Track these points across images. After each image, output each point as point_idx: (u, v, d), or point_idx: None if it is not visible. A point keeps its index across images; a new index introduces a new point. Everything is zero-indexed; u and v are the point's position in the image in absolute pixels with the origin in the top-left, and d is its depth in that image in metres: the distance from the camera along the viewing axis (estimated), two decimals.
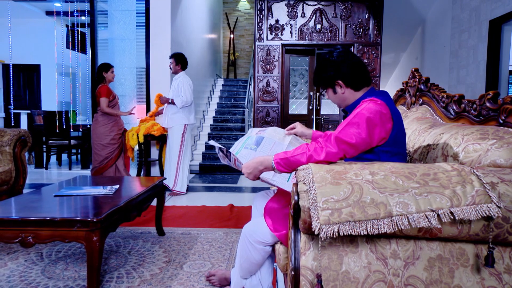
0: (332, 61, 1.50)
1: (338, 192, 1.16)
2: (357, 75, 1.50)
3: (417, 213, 1.12)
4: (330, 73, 1.50)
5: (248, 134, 1.82)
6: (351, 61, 1.49)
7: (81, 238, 1.72)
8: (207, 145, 6.67)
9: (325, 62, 1.52)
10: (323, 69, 1.53)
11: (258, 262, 1.72)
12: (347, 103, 1.54)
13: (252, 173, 1.45)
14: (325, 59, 1.53)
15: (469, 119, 1.68)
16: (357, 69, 1.50)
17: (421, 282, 1.22)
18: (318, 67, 1.56)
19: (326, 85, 1.55)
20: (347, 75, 1.49)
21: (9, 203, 2.01)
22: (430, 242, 1.25)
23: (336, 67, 1.49)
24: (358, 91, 1.51)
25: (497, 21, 5.03)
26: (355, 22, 6.02)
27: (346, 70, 1.48)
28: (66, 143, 6.22)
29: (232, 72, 10.43)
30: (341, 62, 1.49)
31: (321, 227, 1.13)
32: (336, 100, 1.57)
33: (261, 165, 1.42)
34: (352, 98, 1.52)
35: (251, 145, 1.71)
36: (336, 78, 1.50)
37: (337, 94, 1.54)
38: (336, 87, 1.53)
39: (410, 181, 1.17)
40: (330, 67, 1.50)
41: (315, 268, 1.25)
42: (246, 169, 1.46)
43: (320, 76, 1.55)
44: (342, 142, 1.30)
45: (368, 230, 1.12)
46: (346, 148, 1.31)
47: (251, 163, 1.45)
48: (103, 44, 4.98)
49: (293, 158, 1.34)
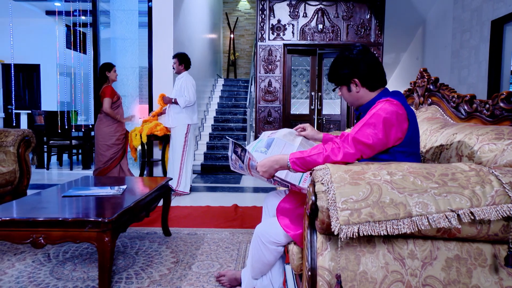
0: (351, 59, 1.48)
1: (357, 192, 1.15)
2: (374, 75, 1.49)
3: (437, 213, 1.12)
4: (347, 70, 1.48)
5: (260, 137, 1.82)
6: (370, 60, 1.48)
7: (92, 239, 1.71)
8: (209, 145, 6.67)
9: (343, 59, 1.50)
10: (340, 66, 1.51)
11: (270, 263, 1.72)
12: (360, 102, 1.54)
13: (267, 172, 1.44)
14: (343, 56, 1.50)
15: (481, 119, 1.68)
16: (374, 69, 1.49)
17: (439, 282, 1.22)
18: (335, 63, 1.54)
19: (341, 82, 1.54)
20: (364, 74, 1.48)
21: (18, 204, 2.00)
22: (447, 242, 1.25)
23: (354, 65, 1.47)
24: (373, 91, 1.51)
25: (499, 21, 5.04)
26: (356, 22, 6.02)
27: (364, 69, 1.47)
28: (67, 143, 6.20)
29: (232, 72, 10.42)
30: (360, 60, 1.47)
31: (340, 227, 1.13)
32: (349, 99, 1.56)
33: (277, 163, 1.42)
34: (366, 98, 1.52)
35: (261, 148, 1.71)
36: (353, 76, 1.49)
37: (352, 92, 1.52)
38: (352, 85, 1.51)
39: (429, 181, 1.17)
40: (348, 64, 1.48)
41: (333, 268, 1.25)
42: (261, 167, 1.45)
43: (336, 72, 1.53)
44: (359, 142, 1.30)
45: (388, 230, 1.12)
46: (363, 148, 1.31)
47: (267, 162, 1.44)
48: (105, 43, 4.97)
49: (309, 158, 1.33)
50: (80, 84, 8.44)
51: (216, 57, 9.61)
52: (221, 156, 6.37)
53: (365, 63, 1.47)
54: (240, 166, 1.67)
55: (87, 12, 6.37)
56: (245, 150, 1.57)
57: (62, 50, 9.04)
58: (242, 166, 1.65)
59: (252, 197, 4.40)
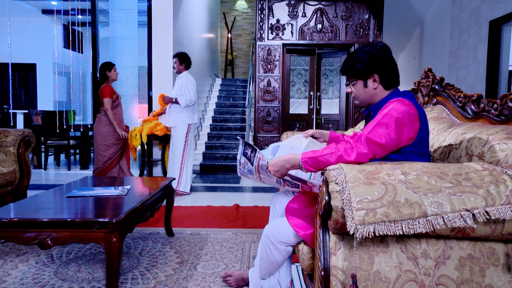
0: (374, 54, 1.46)
1: (372, 192, 1.16)
2: (393, 73, 1.49)
3: (452, 213, 1.13)
4: (369, 65, 1.46)
5: (267, 148, 1.81)
6: (391, 58, 1.48)
7: (100, 240, 1.70)
8: (207, 144, 6.65)
9: (365, 53, 1.47)
10: (361, 59, 1.48)
11: (278, 263, 1.71)
12: (373, 100, 1.53)
13: (278, 171, 1.44)
14: (365, 51, 1.48)
15: (489, 119, 1.69)
16: (394, 67, 1.49)
17: (452, 282, 1.23)
18: (355, 56, 1.50)
19: (359, 76, 1.50)
20: (385, 71, 1.47)
21: (23, 205, 1.99)
22: (460, 241, 1.25)
23: (377, 60, 1.46)
24: (387, 90, 1.50)
25: (498, 22, 5.08)
26: (355, 22, 6.04)
27: (385, 66, 1.46)
28: (65, 143, 6.16)
29: (230, 72, 10.41)
30: (383, 57, 1.46)
31: (356, 227, 1.13)
32: (362, 95, 1.53)
33: (288, 163, 1.42)
34: (379, 96, 1.51)
35: (267, 155, 1.69)
36: (374, 71, 1.47)
37: (368, 88, 1.50)
38: (369, 80, 1.49)
39: (443, 181, 1.18)
40: (370, 59, 1.46)
41: (346, 268, 1.25)
42: (273, 166, 1.45)
43: (354, 66, 1.50)
44: (373, 142, 1.30)
45: (404, 230, 1.13)
46: (376, 148, 1.31)
47: (278, 161, 1.44)
48: (103, 43, 4.94)
49: (322, 157, 1.33)
50: (77, 83, 8.39)
51: (214, 57, 9.59)
52: (220, 156, 6.36)
53: (387, 60, 1.47)
54: (249, 169, 1.65)
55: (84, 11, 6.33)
56: (255, 150, 1.56)
57: (59, 49, 8.99)
58: (251, 170, 1.64)
59: (252, 197, 4.39)
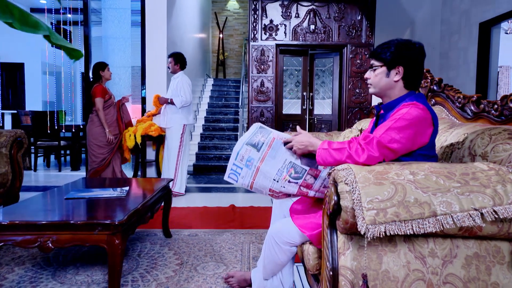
0: (409, 47, 1.43)
1: (382, 192, 1.16)
2: (417, 75, 1.47)
3: (461, 212, 1.14)
4: (399, 53, 1.43)
5: (254, 130, 1.72)
6: (421, 62, 1.45)
7: (102, 242, 1.67)
8: (200, 145, 6.63)
9: (401, 44, 1.44)
10: (393, 46, 1.44)
11: (282, 263, 1.71)
12: (388, 93, 1.50)
13: (301, 149, 1.49)
14: (403, 42, 1.44)
15: (489, 119, 1.72)
16: (420, 71, 1.47)
17: (459, 280, 1.24)
18: (388, 43, 1.47)
19: (386, 62, 1.46)
20: (411, 69, 1.44)
21: (20, 208, 1.95)
22: (466, 240, 1.27)
23: (409, 54, 1.43)
24: (405, 89, 1.48)
25: (487, 24, 5.17)
26: (348, 23, 6.08)
27: (413, 64, 1.44)
28: (56, 144, 6.07)
29: (221, 72, 10.39)
30: (415, 55, 1.43)
31: (367, 227, 1.13)
32: (380, 83, 1.49)
33: (312, 146, 1.46)
34: (395, 92, 1.48)
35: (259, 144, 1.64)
36: (401, 63, 1.43)
37: (389, 78, 1.46)
38: (393, 70, 1.45)
39: (451, 181, 1.19)
40: (403, 49, 1.43)
41: (355, 268, 1.26)
42: (298, 143, 1.50)
43: (386, 50, 1.45)
44: (384, 147, 1.30)
45: (414, 229, 1.14)
46: (387, 153, 1.31)
47: (305, 140, 1.49)
48: (96, 42, 4.88)
49: (334, 151, 1.34)
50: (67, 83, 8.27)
51: (206, 57, 9.56)
52: (213, 156, 6.34)
53: (417, 61, 1.44)
54: (248, 161, 1.60)
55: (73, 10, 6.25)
56: (270, 132, 1.59)
57: (48, 48, 8.85)
58: (251, 162, 1.59)
59: (247, 197, 4.39)
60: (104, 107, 4.22)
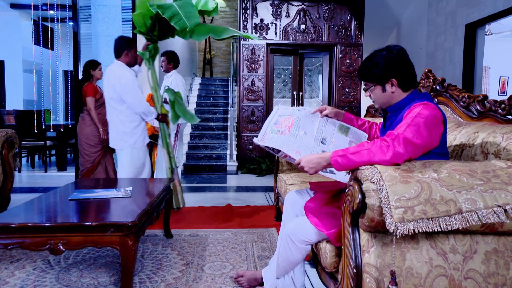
0: (390, 58, 1.48)
1: (409, 190, 1.18)
2: (410, 76, 1.52)
3: (485, 209, 1.17)
4: (386, 70, 1.48)
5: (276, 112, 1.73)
6: (408, 61, 1.50)
7: (115, 243, 1.64)
8: (190, 144, 6.58)
9: (382, 58, 1.49)
10: (378, 64, 1.50)
11: (297, 261, 1.72)
12: (391, 102, 1.56)
13: (314, 168, 1.43)
14: (381, 55, 1.50)
15: (495, 118, 1.77)
16: (411, 70, 1.51)
17: (480, 275, 1.28)
18: (370, 62, 1.52)
19: (377, 81, 1.52)
20: (402, 75, 1.49)
21: (26, 210, 1.89)
22: (485, 236, 1.31)
23: (394, 65, 1.48)
24: (405, 92, 1.54)
25: (473, 25, 5.31)
26: (337, 23, 6.14)
27: (402, 69, 1.49)
28: (41, 144, 5.91)
29: (208, 71, 10.32)
30: (398, 61, 1.48)
31: (396, 225, 1.15)
32: (381, 99, 1.56)
33: (325, 160, 1.40)
34: (397, 98, 1.54)
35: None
36: (391, 76, 1.49)
37: (386, 92, 1.53)
38: (387, 85, 1.51)
39: (474, 178, 1.22)
40: (387, 64, 1.48)
41: (380, 265, 1.27)
42: (308, 163, 1.44)
43: (371, 72, 1.52)
44: (410, 143, 1.30)
45: (441, 226, 1.16)
46: (413, 149, 1.31)
47: (313, 158, 1.43)
48: (85, 40, 4.77)
49: (353, 155, 1.31)
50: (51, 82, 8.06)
51: (192, 56, 9.48)
52: (204, 155, 6.30)
53: (403, 64, 1.49)
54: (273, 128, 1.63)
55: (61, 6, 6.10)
56: (279, 151, 1.57)
57: (29, 46, 8.60)
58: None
59: (242, 196, 4.38)
60: (96, 106, 4.13)
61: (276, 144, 1.59)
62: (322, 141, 1.69)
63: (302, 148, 1.61)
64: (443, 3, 6.03)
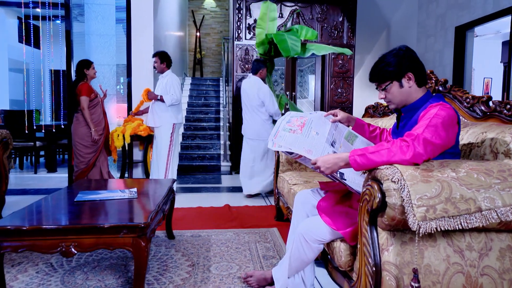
0: (402, 54, 1.51)
1: (430, 189, 1.21)
2: (423, 70, 1.55)
3: (504, 207, 1.21)
4: (400, 66, 1.50)
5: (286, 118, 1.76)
6: (416, 57, 1.54)
7: (128, 245, 1.63)
8: (183, 145, 6.54)
9: (393, 56, 1.52)
10: (390, 63, 1.52)
11: (309, 261, 1.74)
12: (408, 100, 1.56)
13: (330, 168, 1.44)
14: (392, 54, 1.53)
15: (500, 119, 1.81)
16: (422, 65, 1.54)
17: (495, 272, 1.31)
18: (382, 63, 1.54)
19: (393, 77, 1.53)
20: (417, 69, 1.52)
21: (32, 212, 1.85)
22: (499, 233, 1.34)
23: (406, 59, 1.51)
24: (420, 88, 1.55)
25: (462, 28, 5.43)
26: (330, 24, 6.19)
27: (415, 63, 1.52)
28: (31, 145, 5.79)
29: (199, 71, 10.28)
30: (410, 55, 1.52)
31: (419, 223, 1.17)
32: (399, 96, 1.55)
33: (342, 161, 1.41)
34: (414, 96, 1.55)
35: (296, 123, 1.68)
36: (407, 70, 1.51)
37: (404, 88, 1.53)
38: (404, 80, 1.52)
39: (491, 177, 1.26)
40: (399, 60, 1.51)
41: (399, 263, 1.30)
42: (324, 163, 1.44)
43: (386, 70, 1.52)
44: (430, 143, 1.31)
45: (462, 225, 1.19)
46: (432, 149, 1.33)
47: (330, 158, 1.44)
48: (78, 39, 4.69)
49: (372, 155, 1.32)
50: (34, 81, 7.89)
51: (183, 55, 9.43)
52: (197, 156, 6.27)
53: (415, 58, 1.53)
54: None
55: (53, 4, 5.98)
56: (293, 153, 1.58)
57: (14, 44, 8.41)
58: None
59: (239, 197, 4.37)
60: (90, 106, 4.07)
61: (288, 142, 1.60)
62: (332, 144, 1.70)
63: (314, 148, 1.61)
64: (433, 6, 6.14)
